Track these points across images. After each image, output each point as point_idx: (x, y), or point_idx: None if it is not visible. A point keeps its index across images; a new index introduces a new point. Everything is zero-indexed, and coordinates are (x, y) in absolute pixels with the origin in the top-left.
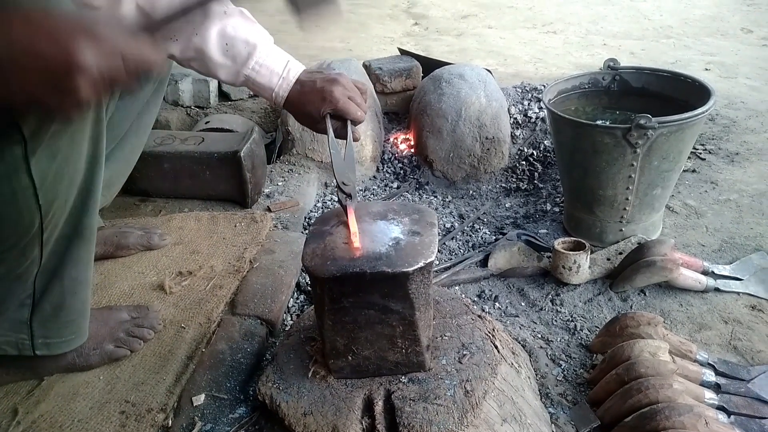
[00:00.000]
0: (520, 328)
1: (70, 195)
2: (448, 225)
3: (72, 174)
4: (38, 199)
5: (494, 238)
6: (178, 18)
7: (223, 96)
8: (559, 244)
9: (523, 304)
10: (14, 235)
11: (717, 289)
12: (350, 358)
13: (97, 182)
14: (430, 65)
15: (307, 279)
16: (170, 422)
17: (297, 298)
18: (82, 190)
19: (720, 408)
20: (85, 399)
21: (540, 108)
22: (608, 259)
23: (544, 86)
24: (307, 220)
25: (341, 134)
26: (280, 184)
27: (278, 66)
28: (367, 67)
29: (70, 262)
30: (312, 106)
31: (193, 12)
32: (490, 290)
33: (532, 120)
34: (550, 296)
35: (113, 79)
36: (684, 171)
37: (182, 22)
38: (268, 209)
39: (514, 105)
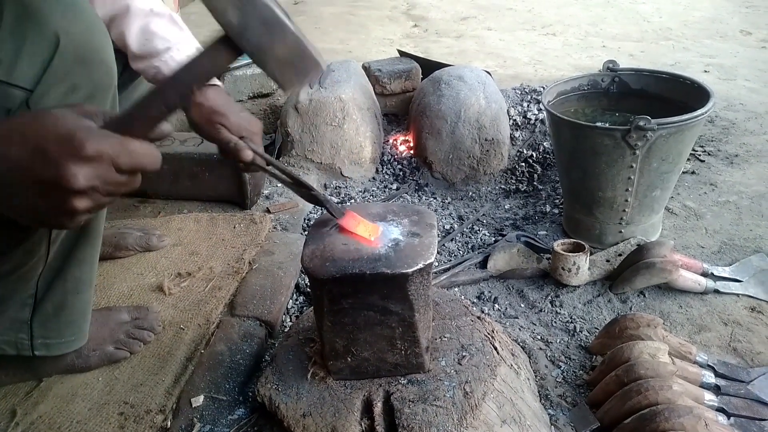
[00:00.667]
0: (520, 329)
1: None
2: (447, 226)
3: None
4: None
5: (493, 239)
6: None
7: None
8: (558, 245)
9: (522, 305)
10: (23, 231)
11: (716, 291)
12: (349, 359)
13: None
14: (429, 67)
15: (307, 280)
16: (169, 423)
17: (296, 300)
18: None
19: (719, 410)
20: (83, 400)
21: (539, 109)
22: (608, 261)
23: (544, 88)
24: (306, 221)
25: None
26: (279, 185)
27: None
28: (366, 68)
29: (75, 262)
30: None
31: None
32: (490, 292)
33: (532, 122)
34: (550, 298)
35: (110, 190)
36: (683, 173)
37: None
38: (268, 210)
39: (513, 107)
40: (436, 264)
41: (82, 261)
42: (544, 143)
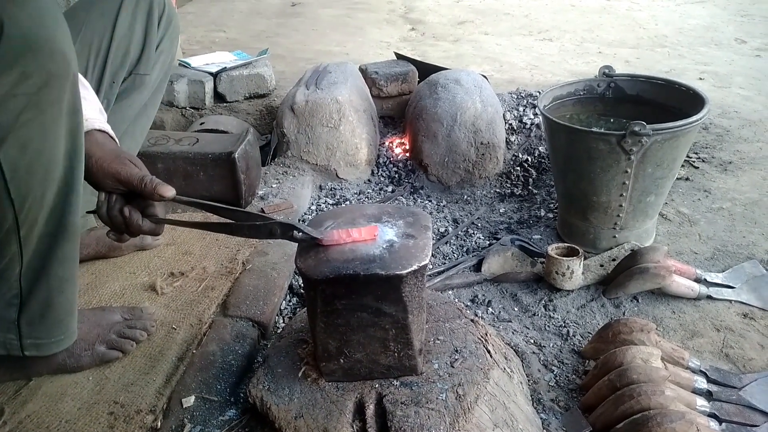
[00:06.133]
0: (513, 333)
1: (47, 190)
2: (442, 229)
3: (47, 167)
4: (10, 192)
5: (488, 243)
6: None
7: (218, 97)
8: (552, 249)
9: (516, 309)
10: None
11: (709, 297)
12: (342, 361)
13: (77, 178)
14: (426, 70)
15: (300, 281)
16: (159, 424)
17: (289, 301)
18: (62, 187)
19: (711, 415)
20: (73, 399)
21: (535, 114)
22: (601, 266)
23: (540, 92)
24: (300, 222)
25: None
26: (274, 186)
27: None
28: (363, 70)
29: (56, 261)
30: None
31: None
32: (484, 295)
33: (527, 126)
34: (543, 302)
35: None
36: (677, 179)
37: None
38: (262, 211)
39: (509, 111)
40: (431, 267)
41: (63, 259)
42: (540, 148)
